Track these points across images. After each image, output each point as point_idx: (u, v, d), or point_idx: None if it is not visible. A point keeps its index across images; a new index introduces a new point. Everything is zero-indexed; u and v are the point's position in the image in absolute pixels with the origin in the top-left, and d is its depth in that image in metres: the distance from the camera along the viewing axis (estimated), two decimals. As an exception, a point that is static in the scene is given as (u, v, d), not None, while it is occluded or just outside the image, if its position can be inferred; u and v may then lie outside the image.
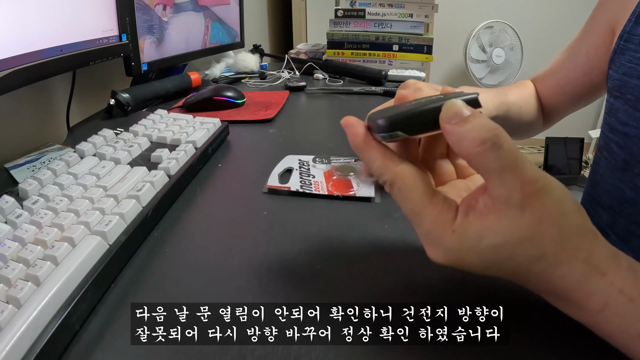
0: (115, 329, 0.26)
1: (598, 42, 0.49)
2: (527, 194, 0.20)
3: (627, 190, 0.42)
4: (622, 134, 0.42)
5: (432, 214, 0.23)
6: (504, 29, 2.42)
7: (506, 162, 0.20)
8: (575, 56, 0.54)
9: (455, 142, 0.21)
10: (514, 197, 0.20)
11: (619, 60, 0.43)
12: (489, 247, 0.21)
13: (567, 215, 0.21)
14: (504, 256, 0.21)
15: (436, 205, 0.23)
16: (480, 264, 0.22)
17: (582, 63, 0.53)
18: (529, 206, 0.20)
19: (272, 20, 1.78)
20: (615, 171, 0.43)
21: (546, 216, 0.20)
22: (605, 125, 0.46)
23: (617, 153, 0.43)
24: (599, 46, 0.49)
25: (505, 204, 0.21)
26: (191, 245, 0.35)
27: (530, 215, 0.20)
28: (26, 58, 0.46)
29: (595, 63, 0.50)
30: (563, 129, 2.72)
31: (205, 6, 0.93)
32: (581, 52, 0.53)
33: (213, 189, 0.44)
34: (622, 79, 0.42)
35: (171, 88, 0.76)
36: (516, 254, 0.21)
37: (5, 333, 0.23)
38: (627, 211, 0.42)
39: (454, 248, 0.22)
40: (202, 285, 0.30)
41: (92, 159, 0.43)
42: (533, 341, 0.24)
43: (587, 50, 0.51)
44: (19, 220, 0.32)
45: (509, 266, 0.22)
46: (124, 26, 0.65)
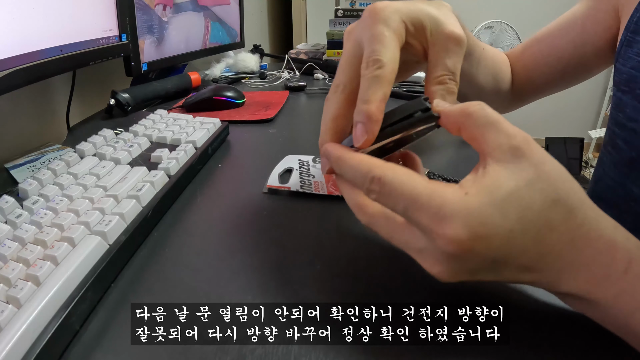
0: (115, 329, 0.26)
1: (599, 17, 0.47)
2: (522, 139, 0.21)
3: (634, 188, 0.41)
4: (630, 130, 0.40)
5: (438, 188, 0.21)
6: (504, 29, 2.42)
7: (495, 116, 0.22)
8: (568, 25, 0.50)
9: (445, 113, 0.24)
10: (512, 142, 0.21)
11: (627, 53, 0.41)
12: (507, 195, 0.20)
13: (556, 161, 0.22)
14: (524, 204, 0.20)
15: (437, 183, 0.22)
16: (504, 224, 0.20)
17: (575, 34, 0.49)
18: (526, 150, 0.21)
19: (272, 20, 1.78)
20: (621, 168, 0.42)
21: (545, 157, 0.21)
22: (611, 120, 0.44)
23: (624, 149, 0.41)
24: (599, 22, 0.47)
25: (506, 153, 0.21)
26: (191, 245, 0.35)
27: (531, 156, 0.21)
28: (26, 58, 0.46)
29: (591, 38, 0.47)
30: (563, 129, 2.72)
31: (205, 6, 0.93)
32: (576, 22, 0.49)
33: (213, 189, 0.44)
34: (630, 73, 0.41)
35: (171, 88, 0.76)
36: (533, 198, 0.20)
37: (5, 333, 0.23)
38: (634, 209, 0.41)
39: (474, 209, 0.20)
40: (202, 285, 0.30)
41: (92, 159, 0.43)
42: (533, 341, 0.24)
43: (584, 22, 0.48)
44: (19, 220, 0.32)
45: (530, 219, 0.20)
46: (124, 26, 0.65)
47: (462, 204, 0.20)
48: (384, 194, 0.22)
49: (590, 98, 2.80)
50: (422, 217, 0.21)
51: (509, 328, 0.24)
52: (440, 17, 0.28)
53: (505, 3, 2.58)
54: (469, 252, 0.20)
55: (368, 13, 0.27)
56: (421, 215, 0.21)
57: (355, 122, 0.25)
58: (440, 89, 0.27)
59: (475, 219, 0.20)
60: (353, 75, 0.27)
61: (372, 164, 0.23)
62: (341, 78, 0.28)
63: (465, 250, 0.20)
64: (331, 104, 0.28)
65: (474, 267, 0.21)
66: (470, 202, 0.20)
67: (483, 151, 0.22)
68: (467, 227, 0.20)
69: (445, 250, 0.20)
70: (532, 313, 0.26)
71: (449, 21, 0.28)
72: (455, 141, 0.55)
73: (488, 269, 0.21)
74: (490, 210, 0.20)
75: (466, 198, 0.20)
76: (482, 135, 0.22)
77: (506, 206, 0.20)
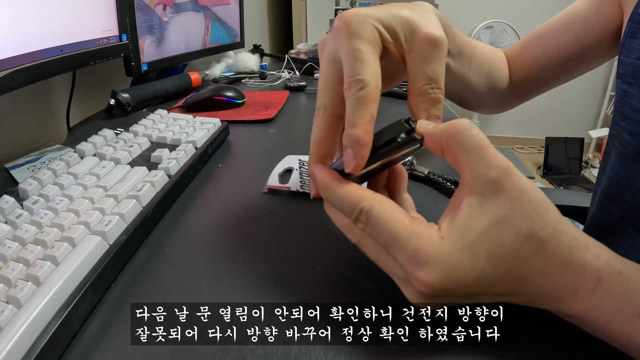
0: (115, 329, 0.26)
1: (602, 9, 0.46)
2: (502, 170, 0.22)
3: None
4: (636, 122, 0.40)
5: (418, 229, 0.22)
6: (504, 29, 2.42)
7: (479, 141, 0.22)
8: (570, 18, 0.50)
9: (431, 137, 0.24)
10: (491, 175, 0.22)
11: (631, 44, 0.41)
12: (478, 237, 0.21)
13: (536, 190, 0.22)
14: (495, 243, 0.21)
15: (418, 223, 0.23)
16: (475, 265, 0.21)
17: (578, 27, 0.48)
18: (505, 183, 0.22)
19: (272, 20, 1.78)
20: (628, 162, 0.41)
21: (522, 190, 0.22)
22: (616, 114, 0.43)
23: (630, 142, 0.41)
24: (601, 13, 0.46)
25: (483, 185, 0.22)
26: (191, 245, 0.35)
27: (509, 190, 0.22)
28: (26, 58, 0.46)
29: (594, 30, 0.47)
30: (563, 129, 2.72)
31: (205, 6, 0.93)
32: (579, 16, 0.49)
33: (213, 189, 0.44)
34: (635, 64, 0.40)
35: (171, 88, 0.76)
36: (504, 236, 0.21)
37: (5, 333, 0.23)
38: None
39: (447, 253, 0.21)
40: (202, 285, 0.30)
41: (92, 159, 0.43)
42: (533, 341, 0.24)
43: (587, 15, 0.48)
44: (19, 220, 0.32)
45: (501, 255, 0.22)
46: (124, 26, 0.65)
47: (436, 249, 0.21)
48: (369, 226, 0.23)
49: (590, 98, 2.80)
50: (399, 257, 0.22)
51: (509, 328, 0.24)
52: (414, 19, 0.27)
53: (505, 3, 2.58)
54: (442, 292, 0.22)
55: (338, 24, 0.26)
56: (399, 255, 0.22)
57: (345, 147, 0.24)
58: (423, 101, 0.27)
59: (448, 264, 0.21)
60: (333, 97, 0.27)
61: (360, 196, 0.24)
62: (321, 101, 0.27)
63: (438, 291, 0.22)
64: (315, 127, 0.28)
65: (450, 301, 0.23)
66: (444, 247, 0.21)
67: (462, 178, 0.23)
68: (440, 272, 0.21)
69: (420, 290, 0.22)
70: (532, 313, 0.26)
71: (423, 22, 0.27)
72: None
73: (463, 299, 0.23)
74: (462, 254, 0.21)
75: (441, 243, 0.22)
76: (463, 161, 0.22)
77: (477, 247, 0.21)
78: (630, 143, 0.40)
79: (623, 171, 0.42)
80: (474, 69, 0.46)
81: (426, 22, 0.27)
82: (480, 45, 0.49)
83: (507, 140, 3.04)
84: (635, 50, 0.40)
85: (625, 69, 0.41)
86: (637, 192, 0.40)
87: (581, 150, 2.61)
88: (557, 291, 0.22)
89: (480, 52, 0.47)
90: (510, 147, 3.02)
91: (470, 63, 0.44)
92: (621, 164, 0.42)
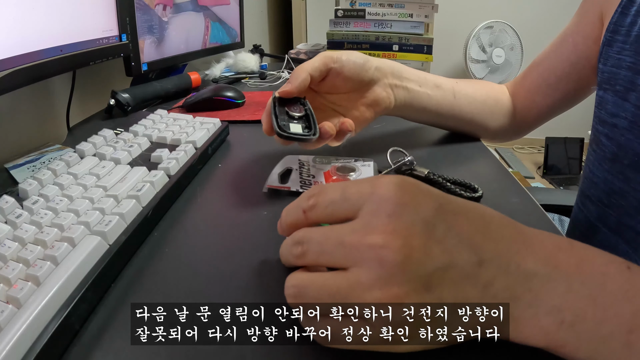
0: (115, 329, 0.26)
1: (587, 30, 0.48)
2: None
3: (616, 181, 0.41)
4: (611, 126, 0.41)
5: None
6: (504, 29, 2.42)
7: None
8: (562, 46, 0.52)
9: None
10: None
11: (607, 52, 0.43)
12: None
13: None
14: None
15: None
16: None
17: (569, 52, 0.50)
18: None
19: (272, 20, 1.78)
20: (604, 163, 0.43)
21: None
22: (595, 118, 0.45)
23: (606, 145, 0.42)
24: (587, 35, 0.48)
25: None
26: (191, 245, 0.35)
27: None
28: (26, 58, 0.46)
29: (584, 52, 0.48)
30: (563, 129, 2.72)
31: (205, 6, 0.93)
32: (568, 41, 0.51)
33: (213, 189, 0.44)
34: (611, 71, 0.42)
35: (171, 88, 0.76)
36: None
37: (5, 333, 0.23)
38: (617, 203, 0.42)
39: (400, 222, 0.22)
40: (202, 285, 0.30)
41: (92, 159, 0.43)
42: (533, 341, 0.24)
43: (575, 39, 0.50)
44: (19, 220, 0.32)
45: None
46: (124, 26, 0.65)
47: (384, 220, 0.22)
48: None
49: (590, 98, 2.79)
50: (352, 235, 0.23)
51: (508, 328, 0.24)
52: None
53: (505, 3, 2.57)
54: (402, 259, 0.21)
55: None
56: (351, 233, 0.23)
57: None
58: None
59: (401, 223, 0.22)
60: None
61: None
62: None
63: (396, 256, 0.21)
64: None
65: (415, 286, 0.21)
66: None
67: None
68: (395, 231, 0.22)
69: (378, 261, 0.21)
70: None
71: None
72: (455, 141, 0.55)
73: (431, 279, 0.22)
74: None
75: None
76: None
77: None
78: (607, 146, 0.42)
79: (600, 172, 0.43)
80: (462, 98, 0.51)
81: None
82: (463, 80, 0.54)
83: (507, 140, 3.04)
84: (611, 58, 0.42)
85: (602, 76, 0.43)
86: (612, 192, 0.42)
87: (581, 150, 2.61)
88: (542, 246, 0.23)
89: (463, 84, 0.53)
90: (510, 147, 3.02)
91: (455, 93, 0.51)
92: (599, 166, 0.44)
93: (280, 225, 0.28)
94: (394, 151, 0.45)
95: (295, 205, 0.27)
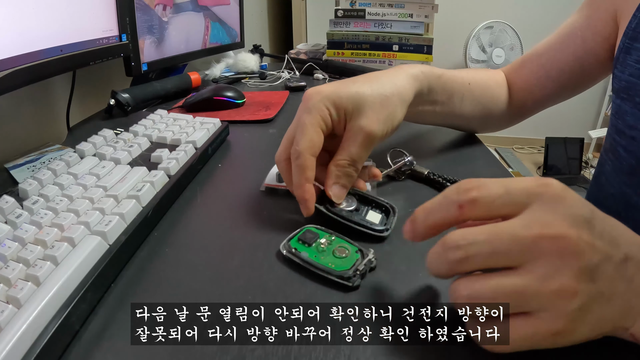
0: (115, 329, 0.26)
1: (598, 27, 0.46)
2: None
3: (634, 196, 0.41)
4: (630, 138, 0.40)
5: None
6: (504, 29, 2.42)
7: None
8: (568, 38, 0.50)
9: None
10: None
11: (625, 60, 0.41)
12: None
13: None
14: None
15: None
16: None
17: (576, 46, 0.49)
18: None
19: (272, 20, 1.78)
20: (622, 175, 0.42)
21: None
22: (612, 127, 0.44)
23: (624, 157, 0.41)
24: (598, 32, 0.46)
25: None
26: (191, 245, 0.35)
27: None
28: (26, 58, 0.46)
29: (592, 48, 0.47)
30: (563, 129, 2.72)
31: (205, 6, 0.93)
32: (576, 35, 0.49)
33: (213, 189, 0.44)
34: (629, 81, 0.40)
35: (171, 88, 0.76)
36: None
37: (5, 333, 0.23)
38: (634, 217, 0.41)
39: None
40: (202, 285, 0.30)
41: (92, 159, 0.43)
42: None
43: (584, 34, 0.48)
44: (19, 220, 0.32)
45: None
46: (124, 26, 0.65)
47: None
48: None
49: (590, 98, 2.80)
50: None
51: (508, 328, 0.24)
52: (364, 106, 0.35)
53: (505, 3, 2.58)
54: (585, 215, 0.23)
55: (303, 99, 0.36)
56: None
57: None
58: (337, 170, 0.35)
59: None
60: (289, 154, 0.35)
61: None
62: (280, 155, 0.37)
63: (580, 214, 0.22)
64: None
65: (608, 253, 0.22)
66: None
67: None
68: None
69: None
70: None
71: (367, 114, 0.35)
72: (456, 141, 0.55)
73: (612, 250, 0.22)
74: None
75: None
76: None
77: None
78: (625, 158, 0.41)
79: (617, 184, 0.43)
80: (467, 104, 0.50)
81: (369, 113, 0.35)
82: (475, 80, 0.51)
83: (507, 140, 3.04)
84: (629, 67, 0.41)
85: (619, 83, 0.42)
86: (629, 206, 0.41)
87: (581, 150, 2.61)
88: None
89: (474, 87, 0.50)
90: (510, 147, 3.02)
91: (463, 101, 0.49)
92: (615, 177, 0.43)
93: (416, 226, 0.25)
94: (393, 151, 0.46)
95: (444, 202, 0.24)
